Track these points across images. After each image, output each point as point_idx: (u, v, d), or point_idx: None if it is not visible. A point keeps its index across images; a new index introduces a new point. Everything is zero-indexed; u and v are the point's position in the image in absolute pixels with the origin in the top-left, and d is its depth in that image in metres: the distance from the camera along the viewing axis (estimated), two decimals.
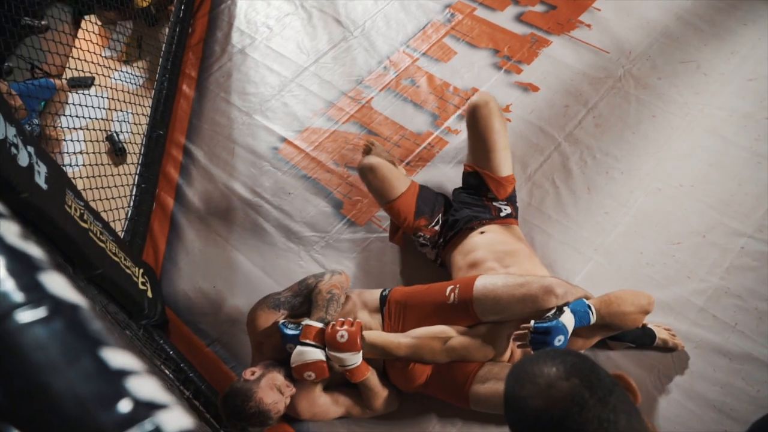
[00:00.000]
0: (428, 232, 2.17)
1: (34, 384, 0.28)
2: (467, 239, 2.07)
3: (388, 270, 2.35)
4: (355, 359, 1.81)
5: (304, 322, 1.88)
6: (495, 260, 1.96)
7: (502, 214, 2.12)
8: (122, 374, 0.31)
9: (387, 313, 1.94)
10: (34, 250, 0.36)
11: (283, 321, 1.92)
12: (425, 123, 2.73)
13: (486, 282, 1.80)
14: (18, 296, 0.33)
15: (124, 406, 0.31)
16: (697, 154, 2.37)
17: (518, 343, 1.72)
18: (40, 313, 0.32)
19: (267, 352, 1.99)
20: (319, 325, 1.86)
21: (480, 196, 2.17)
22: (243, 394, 1.82)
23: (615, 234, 2.24)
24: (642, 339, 1.93)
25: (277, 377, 1.87)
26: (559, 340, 1.61)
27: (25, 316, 0.32)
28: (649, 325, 1.94)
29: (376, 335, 1.84)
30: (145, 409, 0.31)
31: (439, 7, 3.15)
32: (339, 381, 1.97)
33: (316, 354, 1.81)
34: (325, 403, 1.93)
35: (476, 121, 2.13)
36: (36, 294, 0.33)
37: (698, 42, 2.69)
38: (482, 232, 2.07)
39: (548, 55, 2.82)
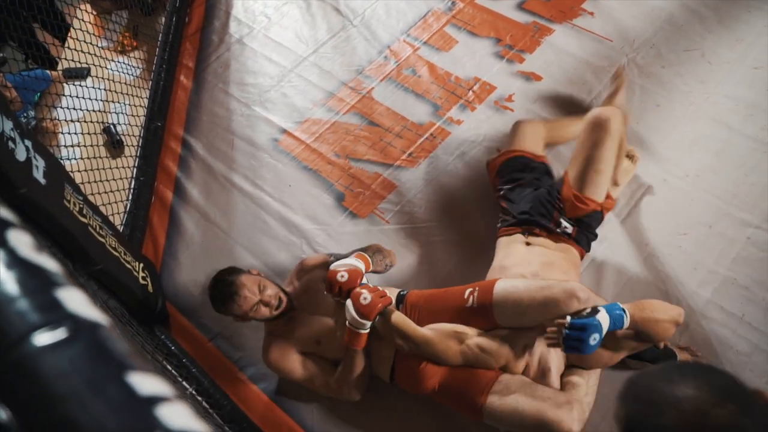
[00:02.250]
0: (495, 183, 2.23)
1: (58, 418, 0.25)
2: (511, 244, 1.99)
3: None
4: (362, 325, 1.79)
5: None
6: (526, 268, 1.87)
7: (558, 230, 1.97)
8: (152, 402, 0.28)
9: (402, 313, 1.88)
10: (50, 263, 0.33)
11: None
12: (427, 113, 2.69)
13: (506, 285, 1.74)
14: (35, 316, 0.30)
15: None
16: (703, 143, 2.34)
17: (549, 341, 1.62)
18: (59, 334, 0.29)
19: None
20: (367, 255, 1.96)
21: (555, 201, 2.01)
22: (231, 269, 1.96)
23: (620, 225, 2.22)
24: (662, 360, 1.83)
25: (271, 286, 1.93)
26: (594, 339, 1.53)
27: (44, 338, 0.29)
28: (670, 346, 1.85)
29: (397, 314, 1.80)
30: None
31: None
32: (320, 352, 1.98)
33: (358, 263, 1.89)
34: (294, 361, 1.96)
35: (589, 132, 1.97)
36: (55, 313, 0.30)
37: (703, 29, 2.65)
38: (528, 243, 1.97)
39: (551, 43, 2.78)
